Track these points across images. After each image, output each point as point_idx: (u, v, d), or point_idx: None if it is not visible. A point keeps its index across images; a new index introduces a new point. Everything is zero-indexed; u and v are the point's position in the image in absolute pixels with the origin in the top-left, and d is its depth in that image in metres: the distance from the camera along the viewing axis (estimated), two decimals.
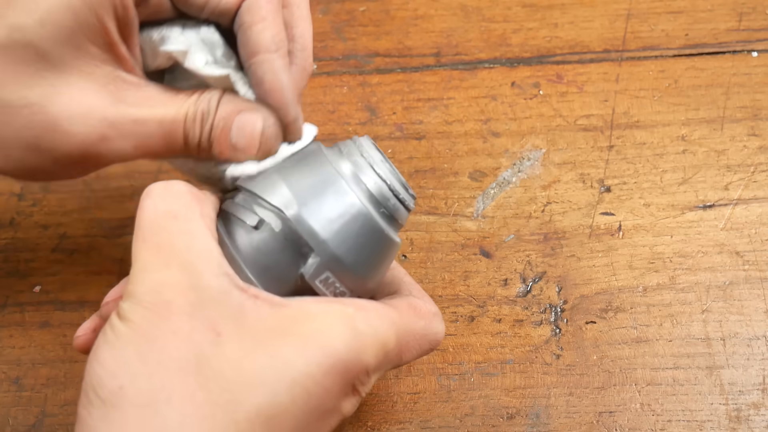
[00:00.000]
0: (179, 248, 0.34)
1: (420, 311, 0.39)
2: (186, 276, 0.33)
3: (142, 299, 0.33)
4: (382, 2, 0.60)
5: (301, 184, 0.38)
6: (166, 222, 0.35)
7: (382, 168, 0.39)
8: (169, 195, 0.35)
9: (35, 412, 0.48)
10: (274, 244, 0.37)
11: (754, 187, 0.53)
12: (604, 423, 0.47)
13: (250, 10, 0.39)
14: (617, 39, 0.58)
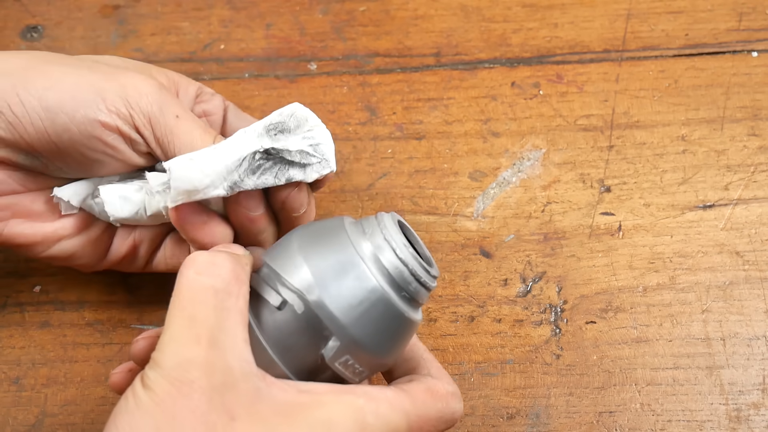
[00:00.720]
0: (212, 325, 0.35)
1: (437, 394, 0.39)
2: (213, 355, 0.34)
3: (169, 373, 0.34)
4: (382, 2, 0.60)
5: (322, 265, 0.37)
6: (206, 296, 0.36)
7: (404, 252, 0.38)
8: (214, 270, 0.36)
9: (35, 412, 0.48)
10: (296, 325, 0.37)
11: (754, 187, 0.53)
12: (604, 423, 0.47)
13: None
14: (617, 39, 0.58)
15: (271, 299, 0.37)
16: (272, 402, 0.35)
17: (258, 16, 0.60)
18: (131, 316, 0.50)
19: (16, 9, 0.61)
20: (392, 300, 0.38)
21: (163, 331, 0.36)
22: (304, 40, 0.59)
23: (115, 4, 0.61)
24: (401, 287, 0.38)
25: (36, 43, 0.60)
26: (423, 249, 0.40)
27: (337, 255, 0.38)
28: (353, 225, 0.40)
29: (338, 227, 0.39)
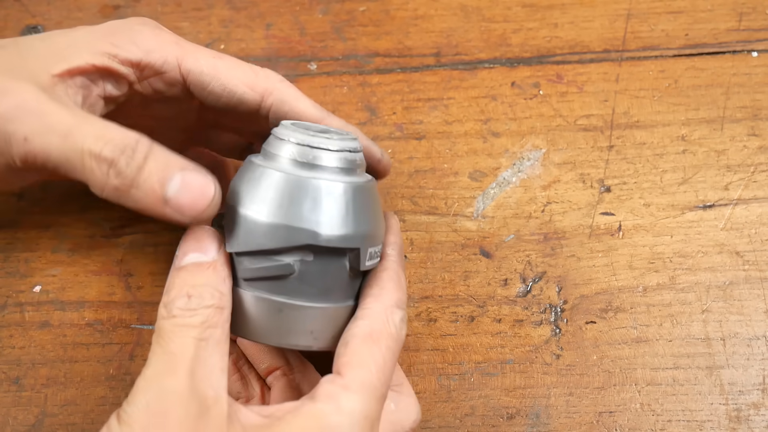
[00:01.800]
0: (190, 357, 0.36)
1: (377, 333, 0.39)
2: (189, 385, 0.35)
3: (146, 406, 0.35)
4: (382, 2, 0.60)
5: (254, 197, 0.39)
6: (186, 334, 0.37)
7: (282, 132, 0.40)
8: (193, 311, 0.37)
9: (35, 412, 0.48)
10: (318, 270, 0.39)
11: (754, 187, 0.53)
12: (604, 423, 0.47)
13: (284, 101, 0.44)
14: (617, 39, 0.58)
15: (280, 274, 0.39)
16: (241, 427, 0.36)
17: (258, 16, 0.60)
18: (131, 316, 0.51)
19: (16, 9, 0.61)
20: (302, 177, 0.38)
21: (144, 368, 0.36)
22: (304, 40, 0.59)
23: (115, 4, 0.61)
24: (305, 162, 0.39)
25: None
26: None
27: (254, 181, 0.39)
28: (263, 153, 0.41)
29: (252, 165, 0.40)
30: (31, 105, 0.39)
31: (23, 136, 0.39)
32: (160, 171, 0.38)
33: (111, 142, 0.38)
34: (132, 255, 0.52)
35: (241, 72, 0.44)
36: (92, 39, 0.42)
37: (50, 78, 0.40)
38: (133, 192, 0.38)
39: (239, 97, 0.44)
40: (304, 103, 0.44)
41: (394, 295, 0.40)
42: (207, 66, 0.43)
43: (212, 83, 0.43)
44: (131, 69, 0.42)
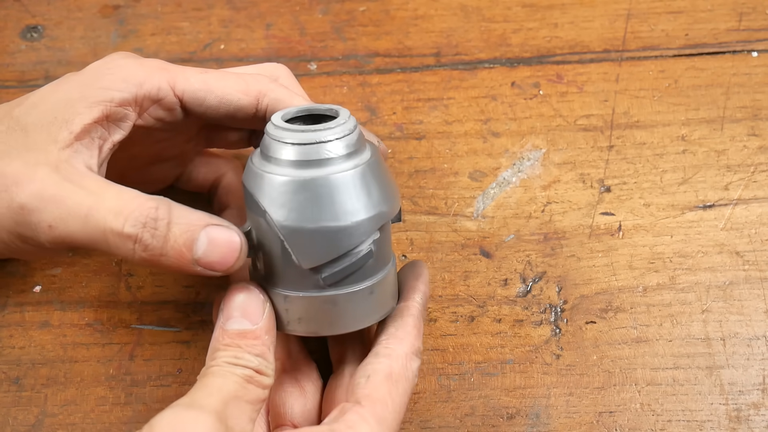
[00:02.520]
0: (228, 392, 0.38)
1: (397, 375, 0.41)
2: (220, 412, 0.37)
3: (172, 419, 0.37)
4: (382, 2, 0.60)
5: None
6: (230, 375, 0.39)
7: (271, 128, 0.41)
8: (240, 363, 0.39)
9: (35, 412, 0.48)
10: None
11: (754, 187, 0.53)
12: (604, 423, 0.47)
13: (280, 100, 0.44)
14: (617, 39, 0.58)
15: None
16: None
17: (258, 16, 0.60)
18: (131, 316, 0.51)
19: (16, 9, 0.61)
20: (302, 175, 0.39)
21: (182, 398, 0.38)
22: (304, 40, 0.59)
23: (115, 4, 0.61)
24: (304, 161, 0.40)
25: (36, 43, 0.60)
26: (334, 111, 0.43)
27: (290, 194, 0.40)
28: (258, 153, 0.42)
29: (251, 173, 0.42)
30: (50, 192, 0.39)
31: (47, 224, 0.39)
32: (185, 234, 0.39)
33: (131, 217, 0.39)
34: None
35: (231, 81, 0.44)
36: (83, 92, 0.42)
37: (59, 151, 0.41)
38: (163, 260, 0.39)
39: (236, 104, 0.44)
40: (299, 101, 0.45)
41: (416, 343, 0.43)
42: (198, 82, 0.44)
43: (207, 98, 0.44)
44: (130, 107, 0.43)
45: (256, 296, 0.41)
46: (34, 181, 0.40)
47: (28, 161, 0.40)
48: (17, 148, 0.41)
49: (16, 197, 0.40)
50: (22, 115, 0.42)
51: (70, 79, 0.43)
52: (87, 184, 0.40)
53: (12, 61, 0.59)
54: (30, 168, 0.40)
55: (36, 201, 0.39)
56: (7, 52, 0.59)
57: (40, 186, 0.40)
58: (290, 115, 0.42)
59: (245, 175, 0.42)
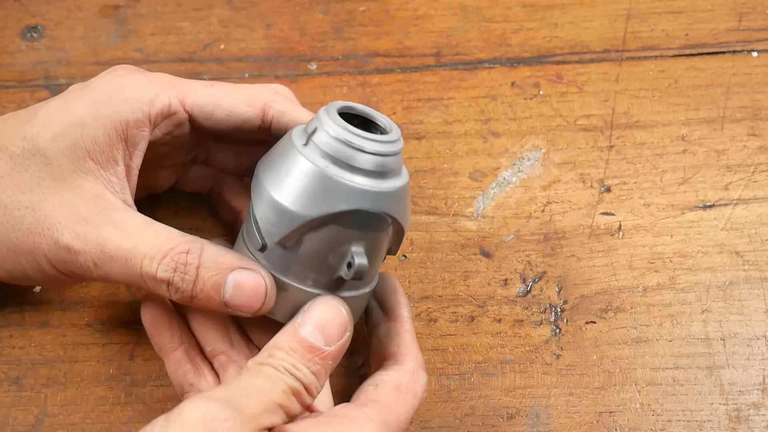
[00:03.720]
0: (271, 398, 0.38)
1: (404, 388, 0.42)
2: (258, 411, 0.37)
3: (203, 411, 0.36)
4: (382, 2, 0.60)
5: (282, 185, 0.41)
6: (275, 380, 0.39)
7: (331, 127, 0.40)
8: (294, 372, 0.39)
9: (35, 412, 0.48)
10: None
11: (754, 187, 0.53)
12: (604, 423, 0.47)
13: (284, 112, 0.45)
14: (617, 39, 0.58)
15: None
16: None
17: (258, 16, 0.60)
18: (131, 316, 0.50)
19: (16, 9, 0.61)
20: (333, 175, 0.40)
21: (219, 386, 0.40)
22: (304, 40, 0.59)
23: (115, 4, 0.61)
24: (335, 156, 0.40)
25: (36, 43, 0.60)
26: (381, 121, 0.43)
27: (280, 155, 0.41)
28: (299, 127, 0.42)
29: (287, 140, 0.42)
30: (92, 236, 0.41)
31: (93, 263, 0.41)
32: (212, 278, 0.41)
33: (163, 262, 0.40)
34: None
35: (237, 93, 0.45)
36: (96, 114, 0.42)
37: (91, 184, 0.42)
38: (195, 301, 0.41)
39: (243, 117, 0.45)
40: (302, 113, 0.45)
41: (419, 357, 0.44)
42: (206, 96, 0.44)
43: (216, 111, 0.44)
44: (146, 128, 0.43)
45: (342, 320, 0.41)
46: (76, 222, 0.41)
47: (65, 198, 0.42)
48: (44, 179, 0.42)
49: (62, 238, 0.41)
50: (36, 136, 0.42)
51: (80, 97, 0.43)
52: (126, 226, 0.41)
53: (12, 61, 0.59)
54: (69, 207, 0.41)
55: (80, 243, 0.41)
56: (7, 52, 0.59)
57: (84, 229, 0.41)
58: (335, 109, 0.42)
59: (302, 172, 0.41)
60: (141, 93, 0.43)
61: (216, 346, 0.45)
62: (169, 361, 0.45)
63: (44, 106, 0.43)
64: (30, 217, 0.42)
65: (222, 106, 0.44)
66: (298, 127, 0.42)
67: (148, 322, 0.45)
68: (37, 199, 0.42)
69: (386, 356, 0.44)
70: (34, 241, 0.42)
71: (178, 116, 0.44)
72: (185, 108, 0.44)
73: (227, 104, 0.44)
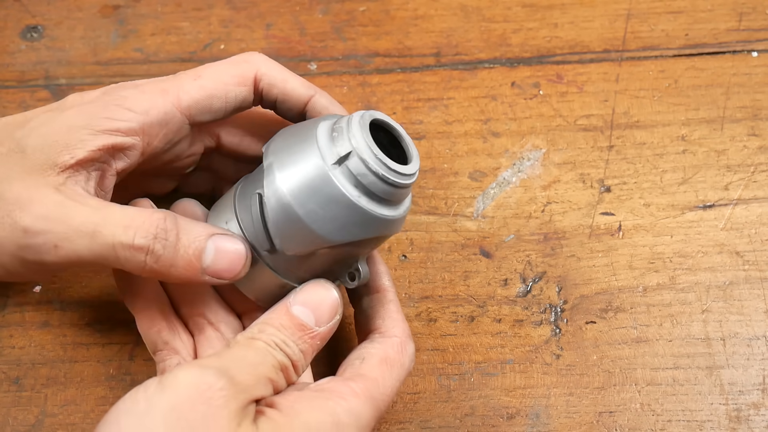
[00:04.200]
0: (260, 372, 0.38)
1: (391, 360, 0.42)
2: (247, 383, 0.37)
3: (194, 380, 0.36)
4: (382, 2, 0.60)
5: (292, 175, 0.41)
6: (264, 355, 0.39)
7: (364, 151, 0.40)
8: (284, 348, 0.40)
9: (35, 412, 0.48)
10: None
11: (754, 187, 0.53)
12: (604, 423, 0.47)
13: (273, 84, 0.45)
14: (617, 39, 0.58)
15: None
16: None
17: (258, 16, 0.60)
18: (131, 316, 0.50)
19: (16, 9, 0.61)
20: (365, 207, 0.40)
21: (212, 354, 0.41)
22: (304, 40, 0.59)
23: (115, 4, 0.61)
24: (367, 188, 0.40)
25: (36, 43, 0.60)
26: (406, 144, 0.43)
27: (305, 163, 0.40)
28: (325, 129, 0.41)
29: (311, 133, 0.41)
30: (54, 213, 0.40)
31: (53, 244, 0.40)
32: (193, 244, 0.40)
33: (141, 229, 0.39)
34: None
35: (225, 75, 0.44)
36: (88, 121, 0.42)
37: (57, 174, 0.41)
38: (173, 271, 0.40)
39: (238, 99, 0.44)
40: (293, 84, 0.45)
41: (406, 327, 0.43)
42: (196, 91, 0.44)
43: (212, 103, 0.44)
44: (137, 137, 0.42)
45: (333, 302, 0.42)
46: (37, 203, 0.40)
47: (29, 184, 0.40)
48: (16, 171, 0.41)
49: (20, 221, 0.40)
50: (23, 137, 0.42)
51: (75, 106, 0.43)
52: (90, 203, 0.40)
53: (12, 61, 0.59)
54: (31, 190, 0.40)
55: (40, 223, 0.40)
56: (7, 52, 0.59)
57: (44, 208, 0.40)
58: (369, 132, 0.41)
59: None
60: (135, 104, 0.42)
61: (192, 307, 0.45)
62: (142, 318, 0.44)
63: (41, 113, 0.43)
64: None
65: (215, 96, 0.44)
66: (322, 126, 0.41)
67: (121, 277, 0.44)
68: (4, 189, 0.41)
69: (371, 328, 0.44)
70: (3, 222, 0.41)
71: (176, 121, 0.44)
72: (181, 111, 0.44)
73: (219, 92, 0.44)
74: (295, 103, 0.45)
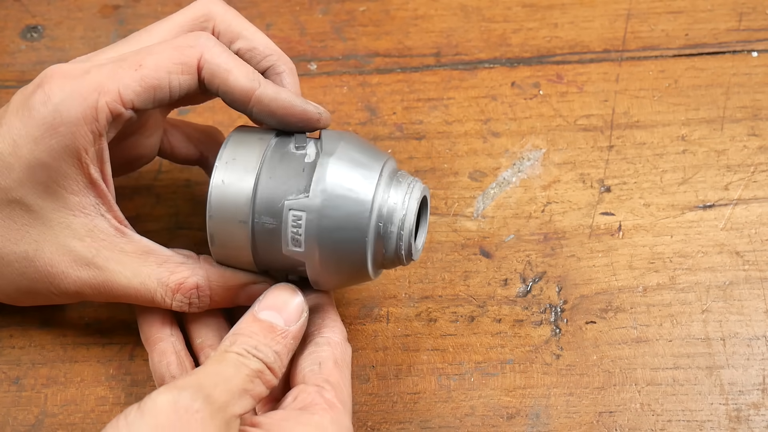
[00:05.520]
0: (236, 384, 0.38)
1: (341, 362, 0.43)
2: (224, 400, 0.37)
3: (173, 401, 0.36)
4: (382, 2, 0.60)
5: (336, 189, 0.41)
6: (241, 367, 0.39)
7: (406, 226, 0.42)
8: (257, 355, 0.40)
9: (35, 412, 0.48)
10: None
11: (754, 187, 0.53)
12: (604, 423, 0.47)
13: (214, 75, 0.42)
14: (617, 39, 0.58)
15: None
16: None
17: (258, 16, 0.60)
18: (131, 316, 0.50)
19: (16, 9, 0.61)
20: (367, 258, 0.42)
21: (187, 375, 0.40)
22: (304, 40, 0.59)
23: (115, 4, 0.61)
24: (384, 251, 0.42)
25: (36, 43, 0.60)
26: (423, 229, 0.44)
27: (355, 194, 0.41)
28: (389, 171, 0.42)
29: (373, 169, 0.42)
30: (94, 282, 0.44)
31: (104, 298, 0.45)
32: (226, 299, 0.45)
33: (176, 299, 0.44)
34: None
35: (167, 62, 0.41)
36: (53, 154, 0.41)
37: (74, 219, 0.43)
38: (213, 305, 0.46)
39: (183, 89, 0.42)
40: (234, 77, 0.42)
41: (343, 328, 0.45)
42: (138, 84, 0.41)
43: (155, 94, 0.42)
44: (101, 140, 0.42)
45: (299, 302, 0.42)
46: (78, 268, 0.43)
47: (60, 244, 0.43)
48: (32, 226, 0.43)
49: (69, 288, 0.44)
50: (5, 189, 0.42)
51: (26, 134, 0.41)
52: (127, 262, 0.43)
53: (12, 61, 0.59)
54: (66, 253, 0.43)
55: (87, 290, 0.44)
56: (7, 52, 0.59)
57: (87, 275, 0.43)
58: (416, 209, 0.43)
59: None
60: (80, 114, 0.41)
61: (206, 338, 0.46)
62: (154, 352, 0.45)
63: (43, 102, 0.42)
64: (31, 268, 0.43)
65: (158, 88, 0.41)
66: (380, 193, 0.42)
67: (140, 310, 0.46)
68: (32, 250, 0.43)
69: (312, 330, 0.44)
70: (43, 287, 0.44)
71: (123, 116, 0.41)
72: (125, 106, 0.41)
73: (161, 83, 0.41)
74: (238, 97, 0.42)
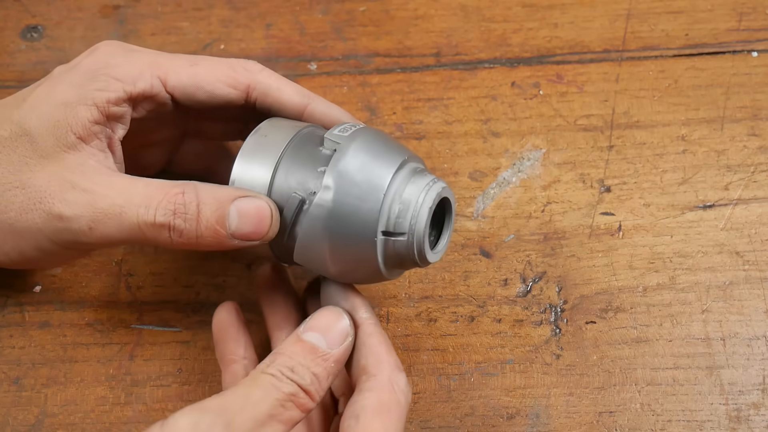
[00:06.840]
0: (263, 411, 0.37)
1: (386, 404, 0.40)
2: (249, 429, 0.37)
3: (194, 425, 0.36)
4: (382, 2, 0.60)
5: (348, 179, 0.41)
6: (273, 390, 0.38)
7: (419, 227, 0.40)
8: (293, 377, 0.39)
9: (35, 412, 0.48)
10: None
11: (754, 187, 0.53)
12: (604, 423, 0.47)
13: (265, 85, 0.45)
14: (617, 39, 0.58)
15: None
16: None
17: (258, 16, 0.60)
18: (131, 316, 0.51)
19: (16, 9, 0.61)
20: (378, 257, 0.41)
21: (216, 395, 0.38)
22: (304, 40, 0.59)
23: (115, 4, 0.61)
24: (393, 258, 0.41)
25: (36, 43, 0.60)
26: (447, 232, 0.43)
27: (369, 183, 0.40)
28: (410, 168, 0.41)
29: (392, 161, 0.41)
30: (83, 198, 0.41)
31: (87, 227, 0.41)
32: (215, 212, 0.40)
33: (160, 207, 0.40)
34: (132, 255, 0.52)
35: (221, 73, 0.45)
36: (79, 94, 0.42)
37: (74, 156, 0.42)
38: (201, 241, 0.41)
39: (225, 98, 0.45)
40: (287, 93, 0.45)
41: (391, 359, 0.41)
42: (188, 77, 0.44)
43: (197, 93, 0.44)
44: (126, 104, 0.43)
45: (344, 326, 0.41)
46: (65, 190, 0.41)
47: (52, 172, 0.42)
48: (31, 157, 0.42)
49: (53, 208, 0.41)
50: (24, 119, 0.43)
51: (64, 79, 0.43)
52: (113, 184, 0.41)
53: (12, 61, 0.59)
54: (56, 179, 0.41)
55: (72, 209, 0.41)
56: (7, 52, 0.59)
57: (73, 195, 0.41)
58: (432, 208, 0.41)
59: None
60: (123, 74, 0.43)
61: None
62: (227, 373, 0.45)
63: (33, 92, 0.44)
64: (21, 195, 0.42)
65: (203, 88, 0.44)
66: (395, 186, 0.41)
67: (217, 329, 0.46)
68: (26, 177, 0.42)
69: (357, 371, 0.42)
70: (28, 218, 0.42)
71: (159, 97, 0.44)
72: (167, 89, 0.44)
73: (208, 86, 0.44)
74: (290, 113, 0.46)
